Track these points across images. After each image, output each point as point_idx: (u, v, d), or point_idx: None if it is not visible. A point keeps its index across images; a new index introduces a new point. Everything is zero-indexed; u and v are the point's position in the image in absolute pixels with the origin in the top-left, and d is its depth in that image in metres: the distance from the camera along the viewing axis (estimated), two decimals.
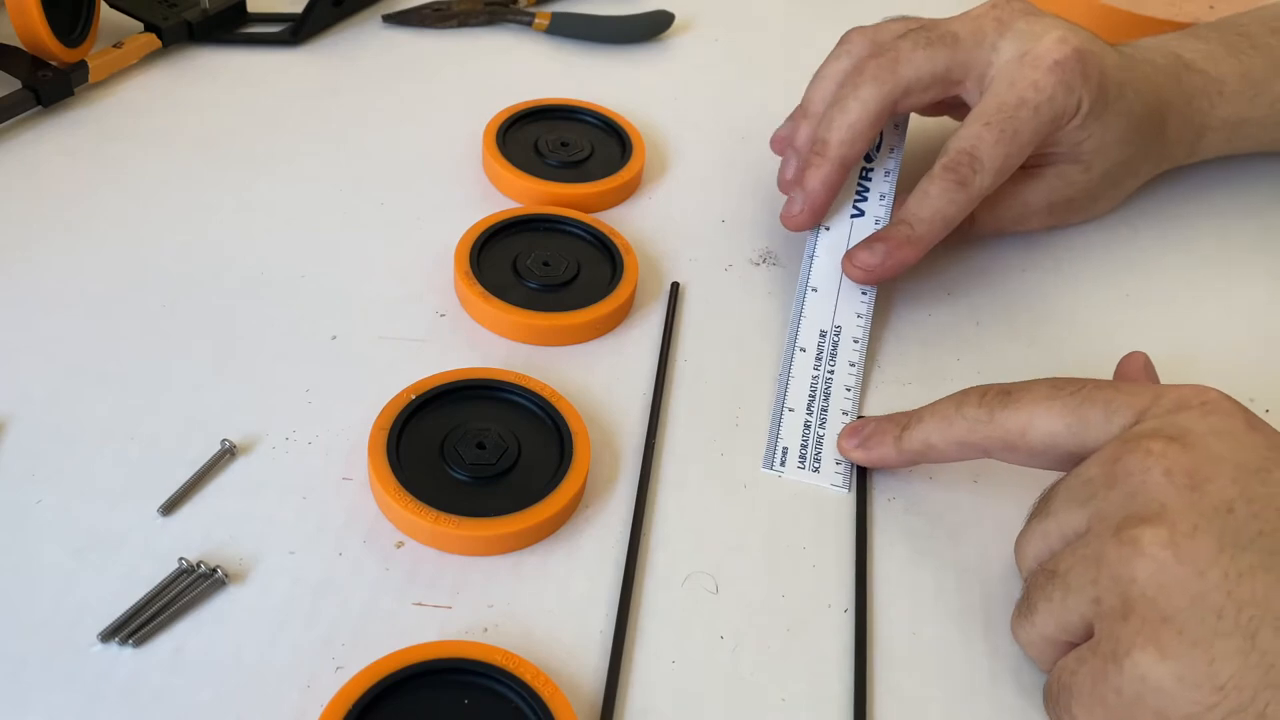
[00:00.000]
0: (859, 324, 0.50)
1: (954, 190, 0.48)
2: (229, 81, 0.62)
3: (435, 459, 0.42)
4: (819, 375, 0.48)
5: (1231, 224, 0.60)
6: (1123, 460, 0.36)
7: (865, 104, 0.49)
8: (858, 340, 0.49)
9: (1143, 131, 0.53)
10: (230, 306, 0.49)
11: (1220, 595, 0.33)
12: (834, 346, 0.49)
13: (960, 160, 0.48)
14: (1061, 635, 0.37)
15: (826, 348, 0.49)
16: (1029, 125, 0.48)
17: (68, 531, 0.40)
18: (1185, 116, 0.54)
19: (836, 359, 0.48)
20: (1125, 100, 0.51)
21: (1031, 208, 0.54)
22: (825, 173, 0.50)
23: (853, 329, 0.50)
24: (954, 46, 0.49)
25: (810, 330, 0.49)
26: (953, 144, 0.49)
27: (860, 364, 0.49)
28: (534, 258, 0.51)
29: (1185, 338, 0.53)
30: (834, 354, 0.49)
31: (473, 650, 0.37)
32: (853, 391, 0.48)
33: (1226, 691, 0.32)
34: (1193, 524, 0.33)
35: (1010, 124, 0.48)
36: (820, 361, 0.48)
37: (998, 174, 0.48)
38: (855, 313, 0.50)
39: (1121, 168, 0.54)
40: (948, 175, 0.48)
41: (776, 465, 0.45)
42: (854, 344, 0.49)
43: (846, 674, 0.39)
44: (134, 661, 0.37)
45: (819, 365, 0.48)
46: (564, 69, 0.67)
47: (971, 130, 0.48)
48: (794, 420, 0.47)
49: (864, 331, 0.50)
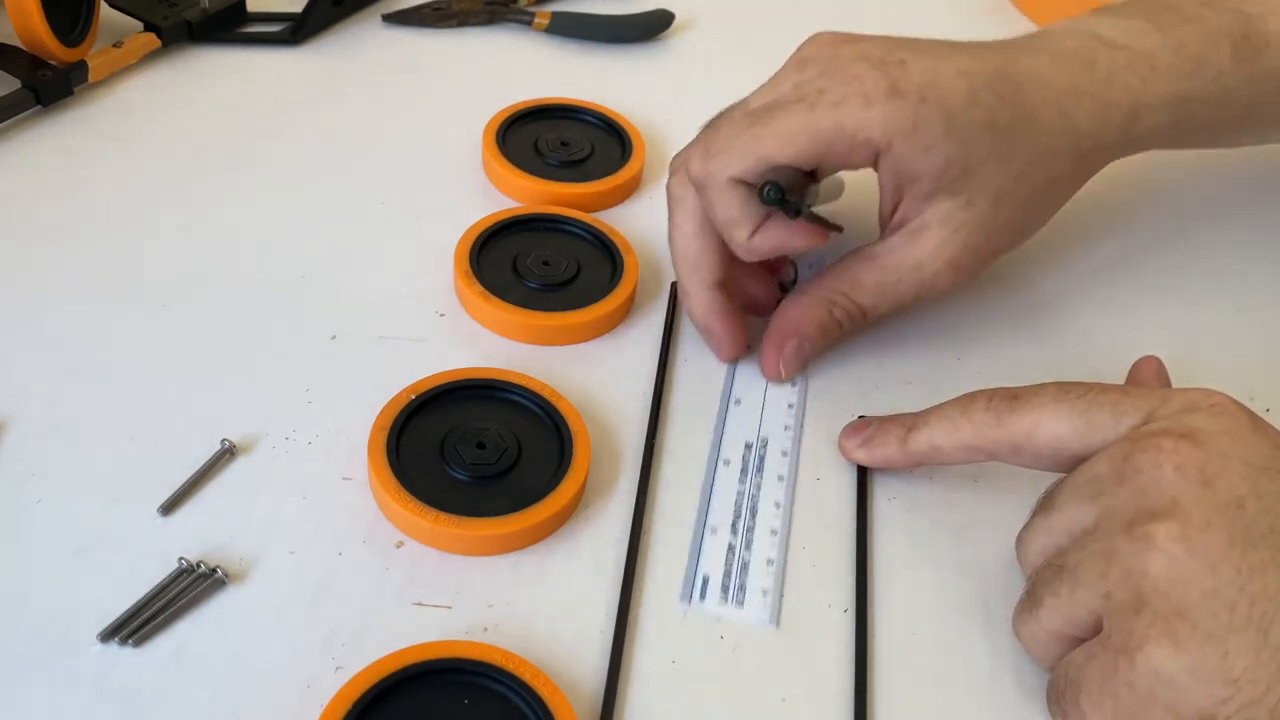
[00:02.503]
0: (787, 435, 0.46)
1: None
2: (229, 81, 0.62)
3: (435, 459, 0.42)
4: (744, 491, 0.44)
5: (1232, 223, 0.60)
6: (1133, 457, 0.36)
7: (679, 228, 0.47)
8: (786, 453, 0.45)
9: (1019, 134, 0.45)
10: (230, 306, 0.49)
11: (1233, 590, 0.33)
12: (760, 459, 0.45)
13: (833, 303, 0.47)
14: (1068, 630, 0.37)
15: (752, 460, 0.45)
16: None
17: (67, 531, 0.40)
18: (1103, 98, 0.47)
19: (764, 472, 0.44)
20: (980, 108, 0.44)
21: (927, 271, 0.46)
22: (697, 307, 0.48)
23: (780, 440, 0.46)
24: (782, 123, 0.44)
25: (734, 443, 0.46)
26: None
27: (789, 482, 0.44)
28: (534, 257, 0.51)
29: (1185, 337, 0.53)
30: (760, 467, 0.45)
31: (473, 650, 0.37)
32: (781, 509, 0.43)
33: (1240, 685, 0.32)
34: (1205, 519, 0.34)
35: None
36: (745, 476, 0.44)
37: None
38: (783, 424, 0.47)
39: (1017, 181, 0.45)
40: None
41: (695, 598, 0.40)
42: (782, 456, 0.45)
43: (846, 674, 0.39)
44: (134, 661, 0.37)
45: (744, 480, 0.44)
46: (564, 69, 0.67)
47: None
48: (716, 544, 0.42)
49: (793, 443, 0.46)
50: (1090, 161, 0.49)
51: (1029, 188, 0.46)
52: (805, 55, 0.46)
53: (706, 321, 0.48)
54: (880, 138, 0.43)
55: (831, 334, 0.48)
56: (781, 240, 0.45)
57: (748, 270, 0.49)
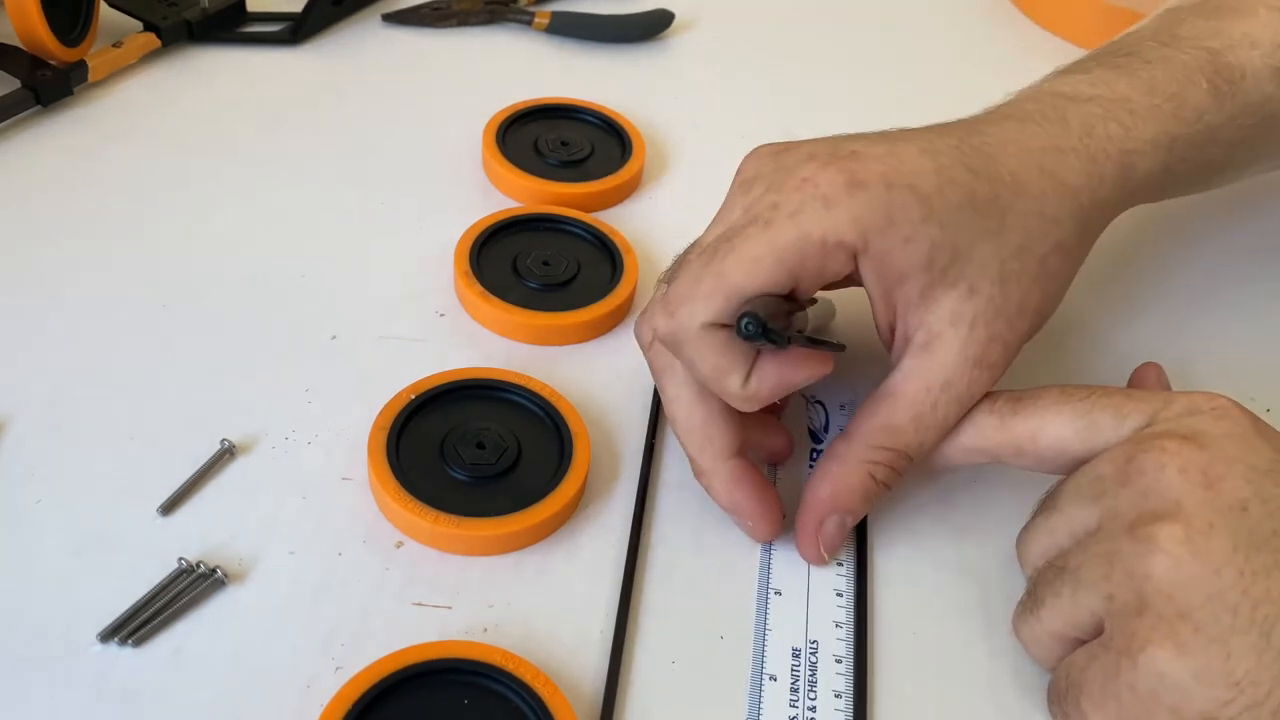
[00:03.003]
0: (839, 636, 0.40)
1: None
2: (228, 81, 0.62)
3: (435, 459, 0.42)
4: (797, 714, 0.37)
5: (1233, 221, 0.60)
6: (1136, 459, 0.36)
7: (675, 401, 0.41)
8: (840, 659, 0.39)
9: (1006, 207, 0.40)
10: (230, 306, 0.49)
11: (1236, 593, 0.33)
12: (812, 670, 0.39)
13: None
14: (1069, 631, 0.37)
15: (804, 673, 0.38)
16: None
17: (67, 531, 0.40)
18: (1087, 151, 0.42)
19: (817, 689, 0.38)
20: (955, 187, 0.39)
21: (960, 385, 0.40)
22: (718, 485, 0.41)
23: (832, 644, 0.39)
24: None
25: (780, 650, 0.39)
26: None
27: (849, 694, 0.38)
28: (534, 257, 0.51)
29: (1186, 337, 0.53)
30: (813, 681, 0.38)
31: (473, 650, 0.37)
32: None
33: (1242, 688, 0.32)
34: (1208, 521, 0.34)
35: None
36: (797, 694, 0.38)
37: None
38: (833, 621, 0.40)
39: (1019, 257, 0.40)
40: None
41: None
42: (836, 664, 0.39)
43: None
44: (134, 661, 0.37)
45: (795, 699, 0.38)
46: (564, 68, 0.67)
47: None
48: None
49: (848, 647, 0.39)
50: (1094, 220, 0.43)
51: (1035, 261, 0.40)
52: (746, 175, 0.41)
53: (734, 501, 0.41)
54: (852, 237, 0.37)
55: (877, 497, 0.41)
56: (781, 378, 0.38)
57: (753, 421, 0.43)
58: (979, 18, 0.74)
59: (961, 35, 0.48)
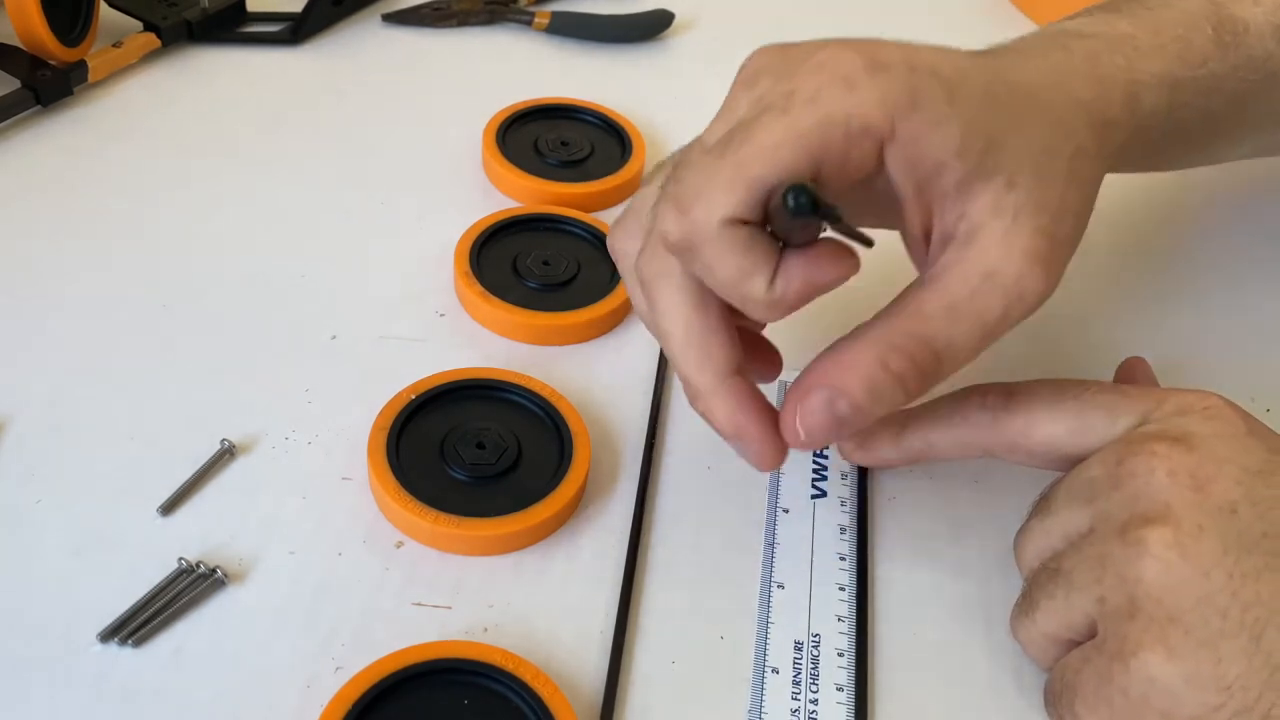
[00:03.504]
0: (841, 630, 0.39)
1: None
2: (228, 81, 0.62)
3: (435, 459, 0.42)
4: (799, 707, 0.37)
5: (1232, 220, 0.60)
6: (1126, 461, 0.36)
7: (669, 314, 0.37)
8: (842, 653, 0.39)
9: (1025, 106, 0.37)
10: (230, 306, 0.49)
11: (1225, 596, 0.33)
12: (814, 663, 0.39)
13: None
14: (1064, 633, 0.37)
15: (805, 665, 0.38)
16: None
17: (67, 531, 0.40)
18: (1094, 74, 0.40)
19: (819, 681, 0.38)
20: (973, 82, 0.36)
21: (1008, 275, 0.35)
22: (720, 407, 0.37)
23: (835, 638, 0.39)
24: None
25: (782, 643, 0.39)
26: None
27: (850, 688, 0.38)
28: (534, 257, 0.51)
29: (1185, 335, 0.53)
30: (815, 674, 0.38)
31: (473, 650, 0.37)
32: None
33: (1233, 692, 0.32)
34: (1198, 525, 0.34)
35: None
36: (799, 687, 0.38)
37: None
38: (835, 614, 0.40)
39: (1048, 154, 0.37)
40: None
41: None
42: (838, 657, 0.39)
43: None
44: (134, 661, 0.37)
45: (798, 693, 0.38)
46: (564, 68, 0.67)
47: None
48: None
49: (849, 640, 0.39)
50: (1107, 139, 0.40)
51: (1064, 161, 0.37)
52: (751, 70, 0.38)
53: (738, 424, 0.37)
54: (878, 119, 0.34)
55: (885, 395, 0.35)
56: (809, 277, 0.34)
57: (743, 339, 0.39)
58: (979, 18, 0.74)
59: (961, 35, 0.48)
